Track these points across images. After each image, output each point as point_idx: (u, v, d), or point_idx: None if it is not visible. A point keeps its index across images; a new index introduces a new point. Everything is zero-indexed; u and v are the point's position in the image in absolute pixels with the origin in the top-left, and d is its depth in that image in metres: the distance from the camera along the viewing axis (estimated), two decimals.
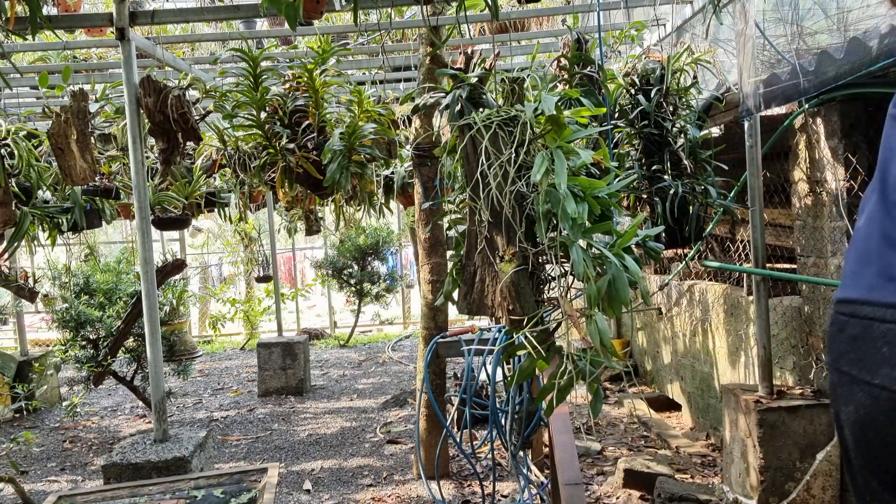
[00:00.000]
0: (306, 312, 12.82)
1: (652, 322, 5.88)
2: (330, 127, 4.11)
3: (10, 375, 6.50)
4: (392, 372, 7.88)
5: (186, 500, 3.07)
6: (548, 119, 2.09)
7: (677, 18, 4.26)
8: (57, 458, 5.34)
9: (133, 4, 4.35)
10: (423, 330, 4.44)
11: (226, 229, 10.85)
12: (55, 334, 6.29)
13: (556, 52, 3.70)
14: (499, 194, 2.09)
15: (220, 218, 7.13)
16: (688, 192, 3.47)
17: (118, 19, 3.63)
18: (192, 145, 5.05)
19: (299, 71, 3.99)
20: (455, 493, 4.12)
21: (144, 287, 3.80)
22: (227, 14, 4.17)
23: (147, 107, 3.77)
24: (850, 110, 3.15)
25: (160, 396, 3.80)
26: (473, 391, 3.57)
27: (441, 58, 4.19)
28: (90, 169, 3.94)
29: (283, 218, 9.16)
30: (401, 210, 10.19)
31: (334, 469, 4.76)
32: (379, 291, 9.68)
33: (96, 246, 8.70)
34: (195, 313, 11.53)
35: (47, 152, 4.70)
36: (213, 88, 4.16)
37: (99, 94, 4.67)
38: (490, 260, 2.15)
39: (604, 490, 3.96)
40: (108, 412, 6.72)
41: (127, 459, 3.55)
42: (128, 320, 5.63)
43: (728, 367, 4.45)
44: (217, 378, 8.10)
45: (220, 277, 12.18)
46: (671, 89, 3.53)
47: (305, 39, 5.49)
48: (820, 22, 3.07)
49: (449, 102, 2.33)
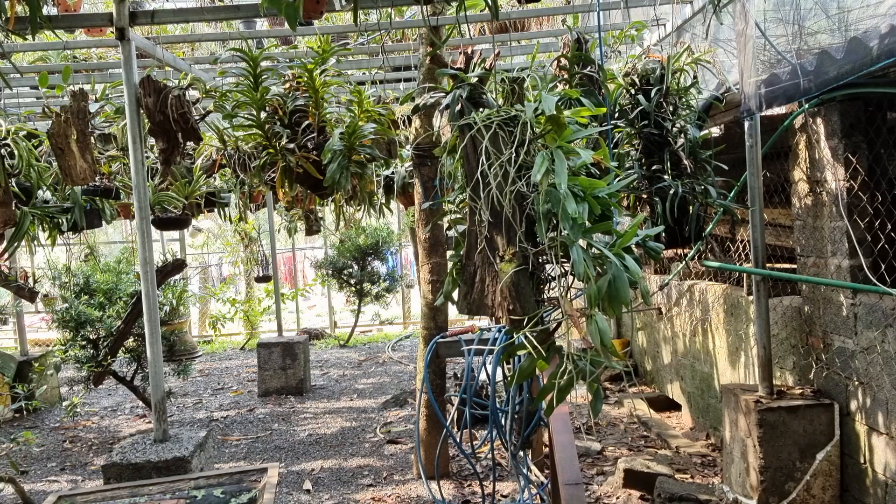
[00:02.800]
0: (306, 312, 12.82)
1: (652, 322, 5.88)
2: (330, 127, 4.11)
3: (10, 375, 6.50)
4: (392, 372, 7.88)
5: (186, 500, 3.07)
6: (548, 119, 2.09)
7: (677, 18, 4.26)
8: (57, 458, 5.34)
9: (133, 4, 4.35)
10: (423, 330, 4.44)
11: (226, 229, 10.85)
12: (55, 334, 6.29)
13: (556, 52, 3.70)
14: (499, 194, 2.09)
15: (220, 218, 7.14)
16: (688, 192, 3.47)
17: (118, 19, 3.63)
18: (192, 145, 5.04)
19: (299, 71, 3.99)
20: (455, 493, 4.12)
21: (144, 287, 3.80)
22: (227, 14, 4.17)
23: (147, 107, 3.77)
24: (850, 110, 3.15)
25: (160, 396, 3.80)
26: (473, 391, 3.57)
27: (441, 58, 4.19)
28: (90, 169, 3.94)
29: (283, 218, 9.16)
30: (401, 210, 10.19)
31: (334, 469, 4.76)
32: (379, 291, 9.68)
33: (96, 246, 8.70)
34: (195, 313, 11.53)
35: (47, 152, 4.70)
36: (213, 88, 4.16)
37: (99, 94, 4.67)
38: (490, 260, 2.15)
39: (604, 490, 3.96)
40: (108, 412, 6.72)
41: (127, 459, 3.54)
42: (128, 320, 5.63)
43: (728, 367, 4.45)
44: (217, 378, 8.10)
45: (220, 277, 12.18)
46: (671, 89, 3.53)
47: (305, 39, 5.49)
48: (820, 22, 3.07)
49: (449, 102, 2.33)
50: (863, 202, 3.12)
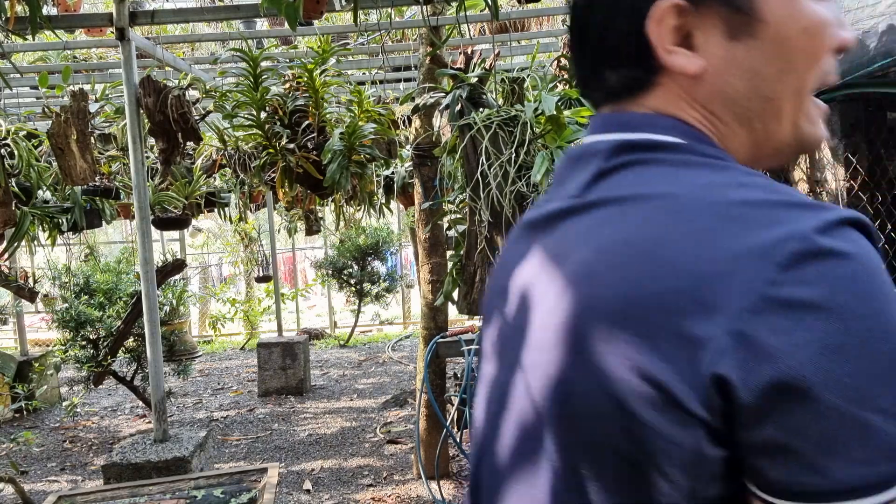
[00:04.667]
0: (306, 312, 12.82)
1: None
2: (330, 127, 4.11)
3: (10, 375, 6.50)
4: (392, 372, 7.88)
5: (186, 500, 3.07)
6: (548, 119, 2.09)
7: None
8: (57, 458, 5.35)
9: (133, 4, 4.35)
10: (423, 330, 4.44)
11: (226, 229, 10.85)
12: (55, 334, 6.29)
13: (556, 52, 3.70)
14: (499, 194, 2.09)
15: (220, 218, 7.14)
16: None
17: (118, 19, 3.63)
18: (192, 145, 5.05)
19: (299, 71, 3.99)
20: (455, 493, 4.12)
21: (144, 287, 3.80)
22: (227, 14, 4.17)
23: (147, 107, 3.77)
24: (850, 110, 3.15)
25: (160, 396, 3.80)
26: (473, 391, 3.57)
27: (441, 58, 4.19)
28: (90, 169, 3.94)
29: (283, 218, 9.16)
30: (401, 210, 10.18)
31: (334, 469, 4.76)
32: (379, 291, 9.67)
33: (96, 246, 8.70)
34: (195, 313, 11.52)
35: (47, 152, 4.70)
36: (213, 88, 4.16)
37: (99, 94, 4.67)
38: (490, 260, 2.15)
39: None
40: (108, 412, 6.72)
41: (127, 459, 3.55)
42: (128, 320, 5.63)
43: None
44: (217, 378, 8.10)
45: (220, 277, 12.17)
46: None
47: (305, 39, 5.49)
48: None
49: (449, 102, 2.34)
50: (863, 202, 3.12)
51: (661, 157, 0.59)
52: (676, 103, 0.61)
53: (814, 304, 0.45)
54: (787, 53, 0.58)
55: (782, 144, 0.62)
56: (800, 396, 0.44)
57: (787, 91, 0.59)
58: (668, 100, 0.61)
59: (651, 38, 0.59)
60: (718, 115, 0.60)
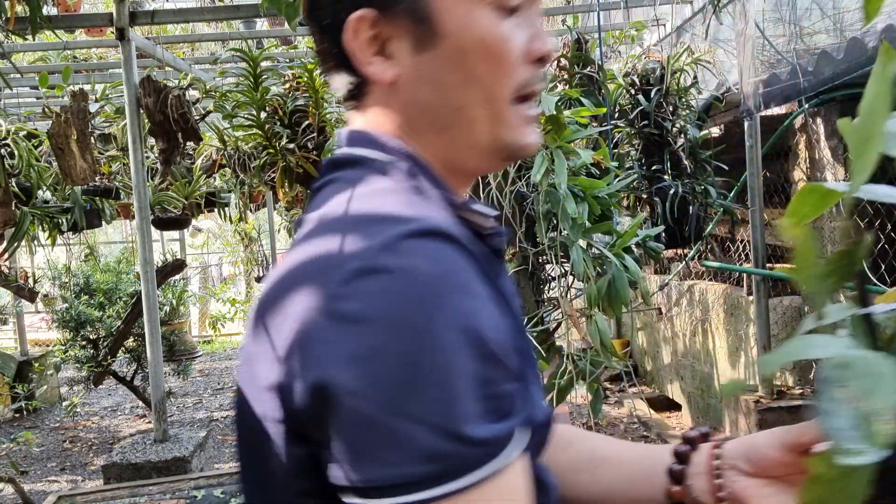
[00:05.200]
0: None
1: (652, 322, 5.88)
2: (330, 127, 4.11)
3: (10, 375, 6.50)
4: None
5: (186, 500, 3.07)
6: (548, 119, 2.09)
7: (677, 18, 4.26)
8: (57, 458, 5.34)
9: (133, 4, 4.35)
10: None
11: (226, 229, 10.85)
12: (55, 334, 6.29)
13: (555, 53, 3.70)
14: (498, 194, 2.09)
15: (220, 218, 7.14)
16: (688, 192, 3.47)
17: (118, 19, 3.63)
18: (192, 145, 5.04)
19: (299, 71, 3.99)
20: None
21: (144, 287, 3.80)
22: (227, 14, 4.17)
23: (147, 107, 3.77)
24: (850, 110, 3.14)
25: (160, 396, 3.80)
26: None
27: None
28: (90, 169, 3.94)
29: (283, 218, 9.16)
30: None
31: None
32: None
33: (96, 246, 8.69)
34: (195, 313, 11.52)
35: (47, 152, 4.70)
36: (213, 88, 4.16)
37: (99, 94, 4.67)
38: None
39: None
40: (108, 412, 6.72)
41: (127, 459, 3.55)
42: (128, 320, 5.63)
43: (728, 367, 4.45)
44: (217, 378, 8.10)
45: (220, 277, 12.18)
46: (671, 89, 3.53)
47: (305, 39, 5.49)
48: (819, 22, 3.07)
49: None
50: (863, 202, 3.12)
51: (341, 175, 0.62)
52: (383, 111, 0.63)
53: (354, 318, 0.48)
54: (466, 64, 0.60)
55: (483, 151, 0.63)
56: (335, 402, 0.48)
57: (474, 100, 0.61)
58: (377, 108, 0.64)
59: (348, 47, 0.61)
60: (414, 123, 0.62)
